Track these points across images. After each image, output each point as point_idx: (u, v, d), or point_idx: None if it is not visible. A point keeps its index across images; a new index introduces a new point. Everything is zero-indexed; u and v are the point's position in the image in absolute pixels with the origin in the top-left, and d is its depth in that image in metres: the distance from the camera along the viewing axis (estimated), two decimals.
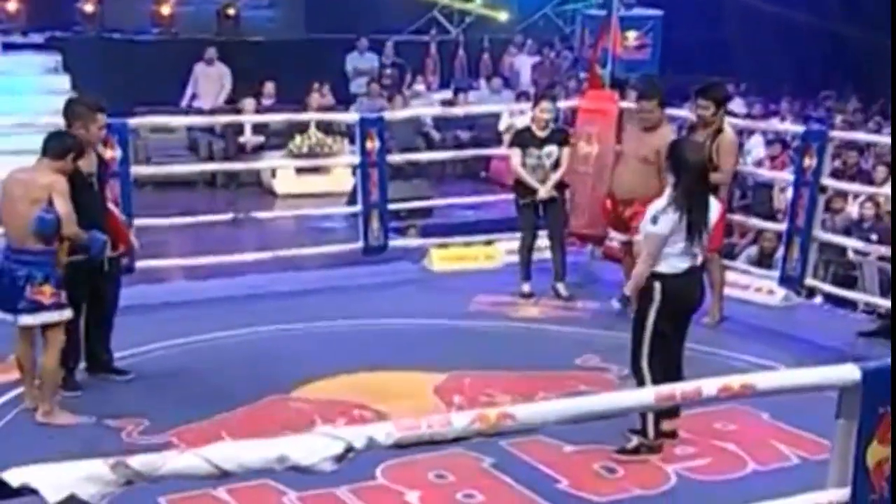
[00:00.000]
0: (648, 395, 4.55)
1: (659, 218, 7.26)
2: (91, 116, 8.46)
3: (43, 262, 7.80)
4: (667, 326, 7.45)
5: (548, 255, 11.36)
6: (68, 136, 8.21)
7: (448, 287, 11.45)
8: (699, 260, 7.50)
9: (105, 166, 8.83)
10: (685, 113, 12.05)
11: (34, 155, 8.13)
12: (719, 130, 10.06)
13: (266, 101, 18.73)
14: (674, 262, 7.34)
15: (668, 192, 7.38)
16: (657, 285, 7.35)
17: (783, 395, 8.35)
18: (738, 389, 4.68)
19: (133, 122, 11.75)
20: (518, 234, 11.42)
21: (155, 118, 14.55)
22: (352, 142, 14.02)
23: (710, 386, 4.59)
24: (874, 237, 12.03)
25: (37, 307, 7.79)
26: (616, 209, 10.48)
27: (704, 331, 9.71)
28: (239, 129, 17.84)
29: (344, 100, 19.95)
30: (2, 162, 9.84)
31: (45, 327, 7.88)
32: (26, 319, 7.85)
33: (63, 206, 7.75)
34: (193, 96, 19.29)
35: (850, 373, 4.85)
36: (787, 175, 11.92)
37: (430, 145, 18.66)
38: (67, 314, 7.94)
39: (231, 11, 21.22)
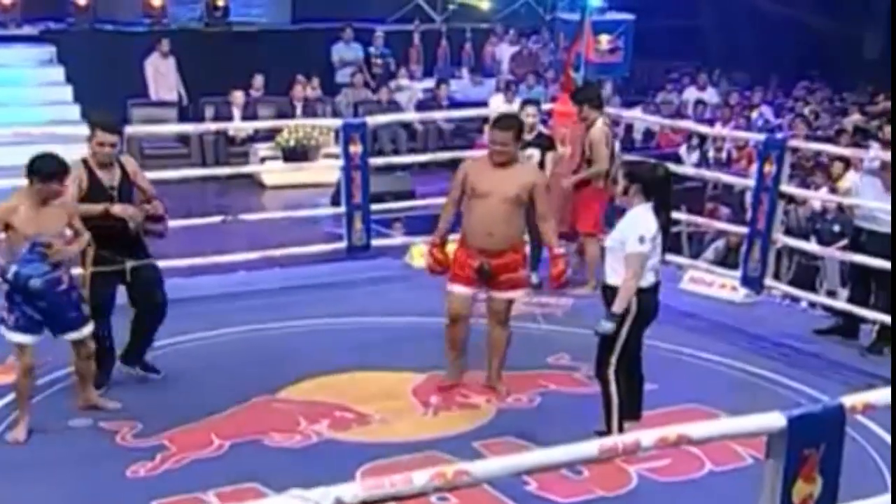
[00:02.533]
0: (591, 448, 4.86)
1: (645, 238, 7.62)
2: (91, 132, 8.70)
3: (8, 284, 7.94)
4: (635, 336, 7.86)
5: None
6: (43, 156, 7.89)
7: (427, 284, 11.69)
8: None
9: (128, 180, 8.75)
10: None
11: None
12: (590, 126, 11.41)
13: (254, 94, 19.10)
14: (647, 277, 7.75)
15: (644, 211, 7.74)
16: (633, 299, 7.69)
17: (738, 396, 9.01)
18: (674, 440, 5.05)
19: (129, 129, 12.14)
20: None
21: (150, 127, 14.83)
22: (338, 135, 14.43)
23: (647, 438, 4.98)
24: (836, 228, 12.46)
25: (1, 320, 8.03)
26: (470, 261, 8.81)
27: (669, 328, 10.11)
28: (228, 119, 18.16)
29: (330, 91, 20.29)
30: None
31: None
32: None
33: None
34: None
35: (776, 420, 5.27)
36: (750, 182, 12.32)
37: (413, 136, 19.07)
38: (10, 337, 7.94)
39: (220, 2, 21.37)
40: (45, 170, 7.74)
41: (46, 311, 7.88)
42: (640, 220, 7.71)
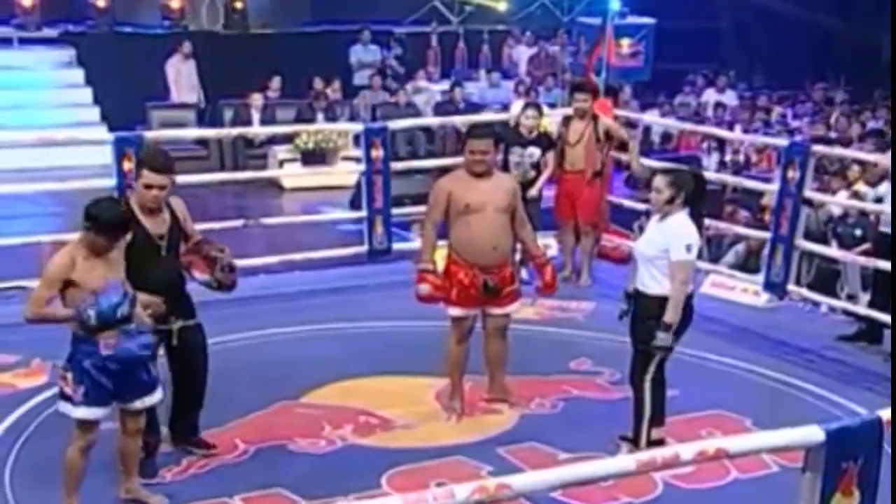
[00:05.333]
0: (629, 462, 4.88)
1: (692, 246, 7.63)
2: (137, 170, 7.58)
3: (73, 347, 6.84)
4: (674, 345, 7.85)
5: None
6: (104, 201, 6.90)
7: None
8: None
9: (178, 227, 7.60)
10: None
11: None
12: (595, 117, 11.97)
13: (272, 95, 19.13)
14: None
15: (685, 219, 7.72)
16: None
17: (764, 400, 9.02)
18: (713, 454, 5.05)
19: (150, 134, 12.16)
20: None
21: (170, 131, 14.77)
22: (356, 137, 14.53)
23: (686, 451, 5.00)
24: (858, 232, 12.44)
25: (60, 394, 6.98)
26: (474, 281, 8.51)
27: (690, 333, 10.10)
28: (247, 122, 18.22)
29: (348, 93, 20.31)
30: None
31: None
32: (57, 403, 7.08)
33: (34, 291, 6.85)
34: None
35: (814, 434, 5.27)
36: (772, 186, 12.32)
37: (431, 138, 19.08)
38: (78, 413, 6.84)
39: (239, 5, 21.54)
40: (106, 220, 6.67)
41: (120, 375, 6.81)
42: (683, 228, 7.68)
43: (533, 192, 11.63)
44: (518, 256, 10.67)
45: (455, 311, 8.64)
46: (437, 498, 4.14)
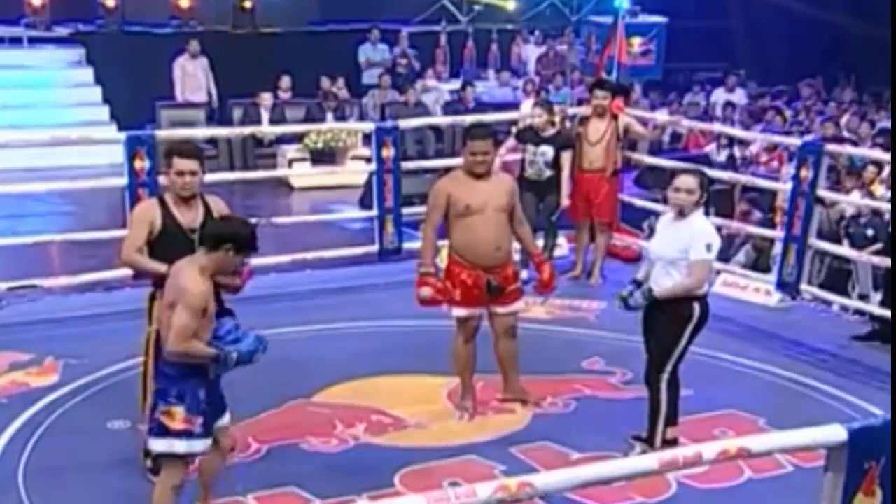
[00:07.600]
0: (653, 462, 4.86)
1: (713, 246, 7.62)
2: (166, 161, 7.50)
3: (178, 377, 6.36)
4: (691, 343, 7.85)
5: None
6: (232, 219, 6.71)
7: None
8: None
9: (211, 219, 7.24)
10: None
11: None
12: (614, 116, 12.01)
13: (282, 95, 19.12)
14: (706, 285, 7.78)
15: (701, 216, 7.75)
16: (696, 306, 7.70)
17: (778, 400, 8.99)
18: (735, 453, 5.04)
19: (161, 133, 12.12)
20: None
21: (181, 130, 14.69)
22: (365, 136, 14.56)
23: (709, 450, 4.99)
24: (870, 232, 12.42)
25: (164, 431, 6.40)
26: (478, 282, 8.47)
27: (703, 332, 10.10)
28: (257, 121, 18.21)
29: (356, 92, 20.32)
30: None
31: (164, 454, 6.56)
32: (152, 443, 6.54)
33: (177, 320, 6.23)
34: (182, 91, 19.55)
35: (837, 433, 5.26)
36: (785, 186, 12.27)
37: (440, 137, 19.07)
38: (199, 447, 6.51)
39: (248, 4, 21.48)
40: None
41: (209, 398, 6.53)
42: (703, 228, 7.68)
43: (564, 201, 11.83)
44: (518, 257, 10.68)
45: (460, 312, 8.61)
46: (460, 497, 4.12)
